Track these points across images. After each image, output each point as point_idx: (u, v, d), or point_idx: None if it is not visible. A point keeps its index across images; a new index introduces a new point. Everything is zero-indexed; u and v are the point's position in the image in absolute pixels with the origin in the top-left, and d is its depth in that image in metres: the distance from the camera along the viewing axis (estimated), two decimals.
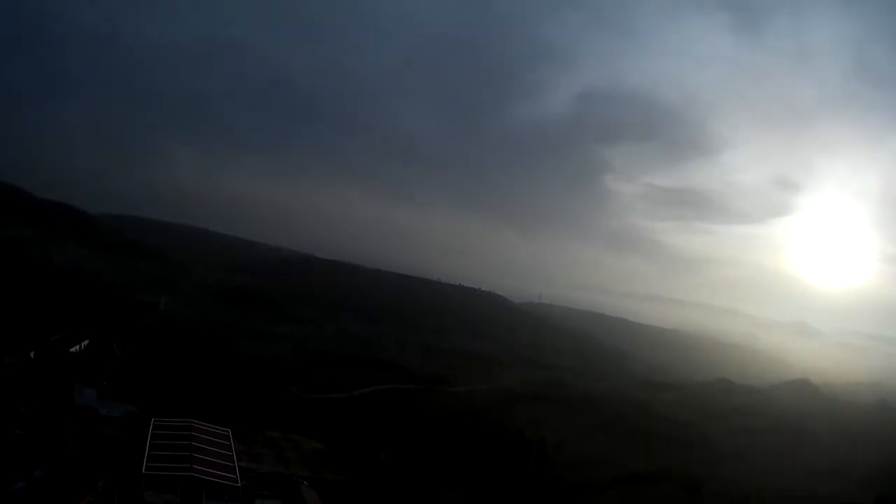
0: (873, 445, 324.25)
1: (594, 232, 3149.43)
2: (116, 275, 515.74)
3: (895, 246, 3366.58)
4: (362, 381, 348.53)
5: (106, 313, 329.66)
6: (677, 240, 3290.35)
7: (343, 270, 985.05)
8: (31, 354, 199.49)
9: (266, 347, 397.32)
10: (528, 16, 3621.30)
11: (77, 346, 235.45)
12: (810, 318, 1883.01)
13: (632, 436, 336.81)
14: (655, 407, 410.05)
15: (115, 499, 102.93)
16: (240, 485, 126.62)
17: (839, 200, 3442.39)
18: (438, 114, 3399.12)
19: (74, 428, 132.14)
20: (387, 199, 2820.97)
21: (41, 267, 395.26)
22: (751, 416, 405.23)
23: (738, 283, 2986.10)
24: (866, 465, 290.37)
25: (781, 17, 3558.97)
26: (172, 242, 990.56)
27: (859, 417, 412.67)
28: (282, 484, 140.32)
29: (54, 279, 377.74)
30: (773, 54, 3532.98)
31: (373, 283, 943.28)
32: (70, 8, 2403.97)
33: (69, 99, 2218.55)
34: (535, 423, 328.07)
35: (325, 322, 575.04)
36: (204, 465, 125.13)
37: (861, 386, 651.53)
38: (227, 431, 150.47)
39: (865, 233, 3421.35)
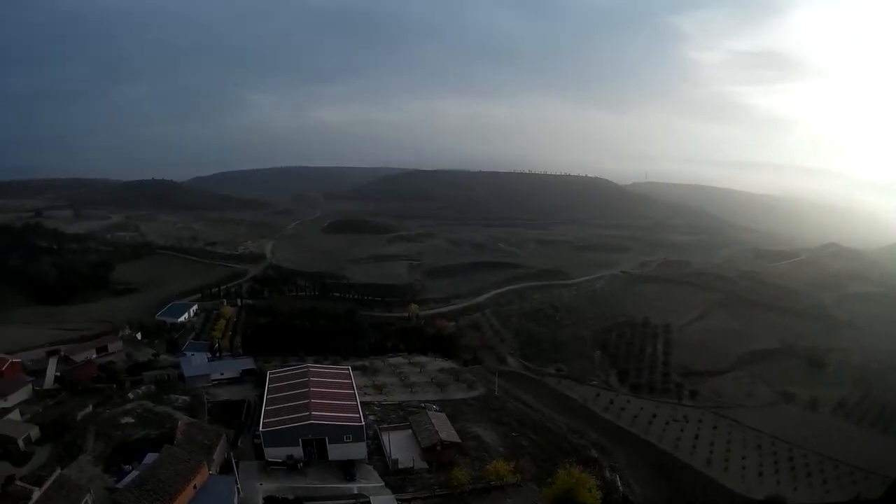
0: None
1: (682, 103, 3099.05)
2: (215, 233, 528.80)
3: None
4: (481, 287, 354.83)
5: (210, 274, 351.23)
6: (763, 102, 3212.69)
7: (445, 179, 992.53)
8: (138, 335, 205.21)
9: (379, 271, 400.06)
10: None
11: (185, 315, 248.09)
12: None
13: (751, 310, 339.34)
14: (769, 278, 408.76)
15: (234, 463, 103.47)
16: (363, 423, 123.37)
17: None
18: (507, 6, 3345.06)
19: (186, 400, 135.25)
20: (474, 100, 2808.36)
21: (132, 245, 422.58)
22: (862, 281, 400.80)
23: (828, 141, 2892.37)
24: None
25: None
26: (270, 188, 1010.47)
27: None
28: (408, 412, 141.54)
29: (148, 252, 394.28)
30: None
31: (477, 186, 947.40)
32: None
33: (130, 81, 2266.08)
34: (656, 305, 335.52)
35: (436, 234, 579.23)
36: (323, 409, 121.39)
37: None
38: (347, 369, 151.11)
39: None
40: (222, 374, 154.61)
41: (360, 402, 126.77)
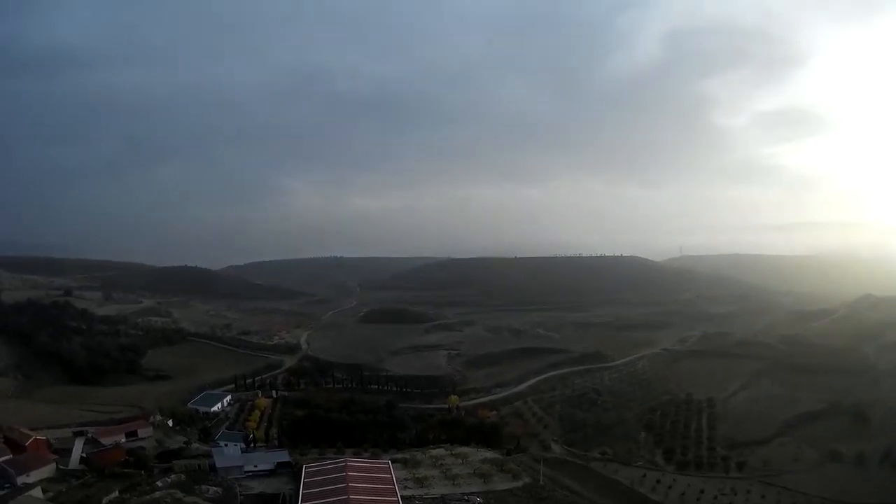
0: None
1: (713, 171, 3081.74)
2: (249, 322, 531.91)
3: None
4: (521, 375, 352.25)
5: (244, 363, 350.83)
6: (791, 161, 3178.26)
7: (481, 265, 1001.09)
8: (169, 422, 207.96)
9: (418, 362, 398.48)
10: None
11: (219, 405, 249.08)
12: None
13: (794, 374, 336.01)
14: (810, 339, 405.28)
15: None
16: None
17: None
18: (534, 86, 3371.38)
19: (218, 492, 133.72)
20: (506, 183, 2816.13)
21: (164, 331, 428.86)
22: None
23: (856, 193, 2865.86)
24: None
25: None
26: (305, 277, 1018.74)
27: None
28: None
29: (180, 339, 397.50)
30: None
31: (513, 271, 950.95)
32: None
33: (162, 160, 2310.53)
34: (698, 380, 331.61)
35: (475, 322, 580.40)
36: None
37: None
38: (387, 463, 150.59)
39: None
40: (256, 466, 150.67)
41: (401, 497, 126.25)
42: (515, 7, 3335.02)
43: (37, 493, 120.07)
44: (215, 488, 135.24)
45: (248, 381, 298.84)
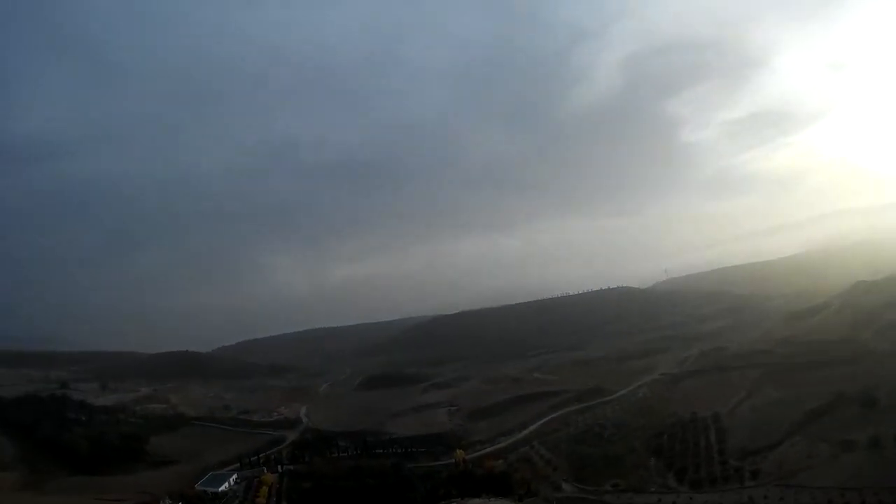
0: None
1: (689, 188, 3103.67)
2: (247, 401, 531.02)
3: None
4: (524, 421, 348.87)
5: (247, 442, 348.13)
6: (767, 164, 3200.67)
7: (470, 319, 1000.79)
8: None
9: (420, 422, 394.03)
10: (544, 5, 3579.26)
11: (226, 484, 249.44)
12: None
13: (796, 374, 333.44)
14: (806, 336, 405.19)
15: None
16: None
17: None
18: (501, 130, 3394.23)
19: None
20: (485, 232, 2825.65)
21: (164, 417, 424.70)
22: (894, 307, 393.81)
23: (839, 182, 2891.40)
24: None
25: None
26: (298, 351, 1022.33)
27: None
28: None
29: (182, 424, 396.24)
30: None
31: (503, 320, 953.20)
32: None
33: (140, 249, 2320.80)
34: (701, 398, 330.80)
35: (471, 376, 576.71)
36: None
37: None
38: None
39: None
40: None
41: None
42: (472, 53, 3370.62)
43: None
44: None
45: (253, 458, 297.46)
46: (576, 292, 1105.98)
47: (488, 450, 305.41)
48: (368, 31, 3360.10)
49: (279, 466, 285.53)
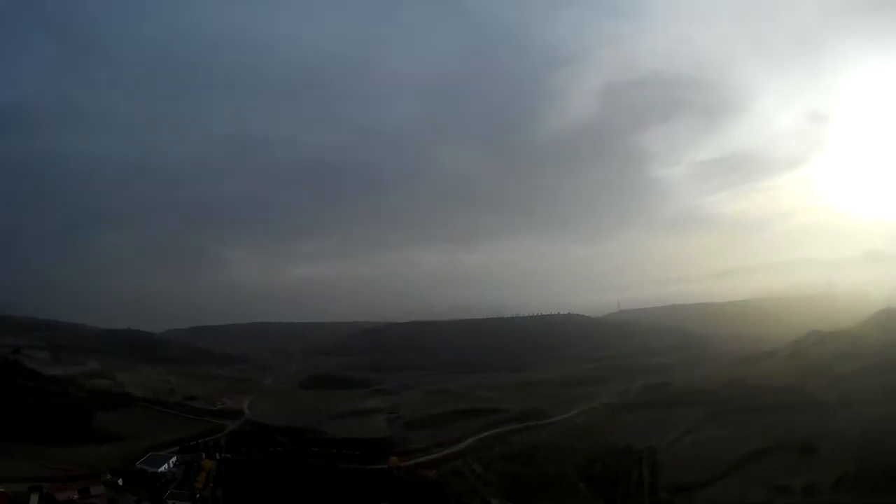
0: None
1: (652, 224, 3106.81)
2: (193, 387, 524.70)
3: None
4: (460, 435, 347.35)
5: (188, 427, 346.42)
6: (734, 207, 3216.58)
7: (421, 331, 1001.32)
8: (119, 481, 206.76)
9: (359, 426, 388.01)
10: (525, 27, 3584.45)
11: (165, 465, 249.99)
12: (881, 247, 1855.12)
13: (739, 416, 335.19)
14: (754, 380, 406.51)
15: None
16: None
17: (872, 123, 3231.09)
18: (471, 147, 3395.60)
19: None
20: (447, 247, 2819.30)
21: (111, 394, 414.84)
22: (848, 358, 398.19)
23: (803, 231, 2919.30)
24: None
25: None
26: (247, 343, 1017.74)
27: None
28: None
29: (127, 402, 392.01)
30: None
31: (453, 335, 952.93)
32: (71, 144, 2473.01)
33: (107, 230, 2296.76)
34: (640, 430, 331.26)
35: (414, 386, 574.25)
36: None
37: None
38: None
39: None
40: None
41: None
42: (450, 66, 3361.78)
43: None
44: None
45: (192, 443, 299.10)
46: (528, 314, 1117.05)
47: (422, 459, 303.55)
48: (348, 36, 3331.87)
49: (217, 454, 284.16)
